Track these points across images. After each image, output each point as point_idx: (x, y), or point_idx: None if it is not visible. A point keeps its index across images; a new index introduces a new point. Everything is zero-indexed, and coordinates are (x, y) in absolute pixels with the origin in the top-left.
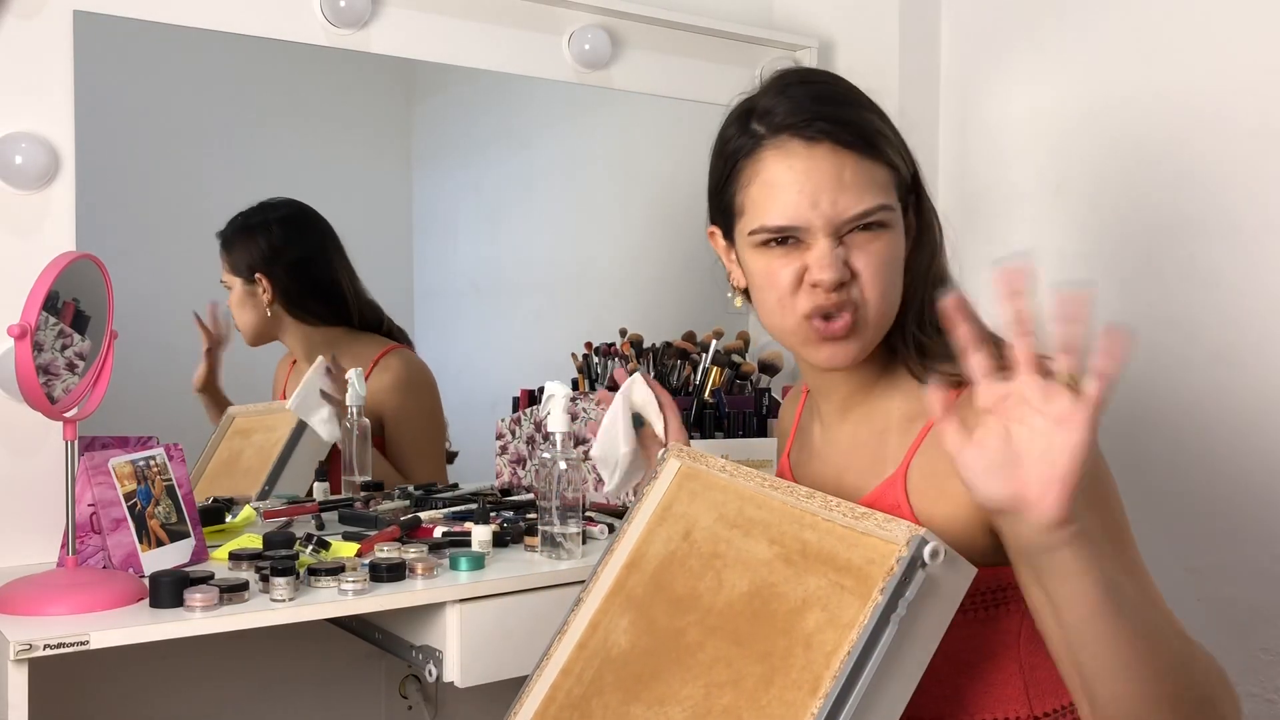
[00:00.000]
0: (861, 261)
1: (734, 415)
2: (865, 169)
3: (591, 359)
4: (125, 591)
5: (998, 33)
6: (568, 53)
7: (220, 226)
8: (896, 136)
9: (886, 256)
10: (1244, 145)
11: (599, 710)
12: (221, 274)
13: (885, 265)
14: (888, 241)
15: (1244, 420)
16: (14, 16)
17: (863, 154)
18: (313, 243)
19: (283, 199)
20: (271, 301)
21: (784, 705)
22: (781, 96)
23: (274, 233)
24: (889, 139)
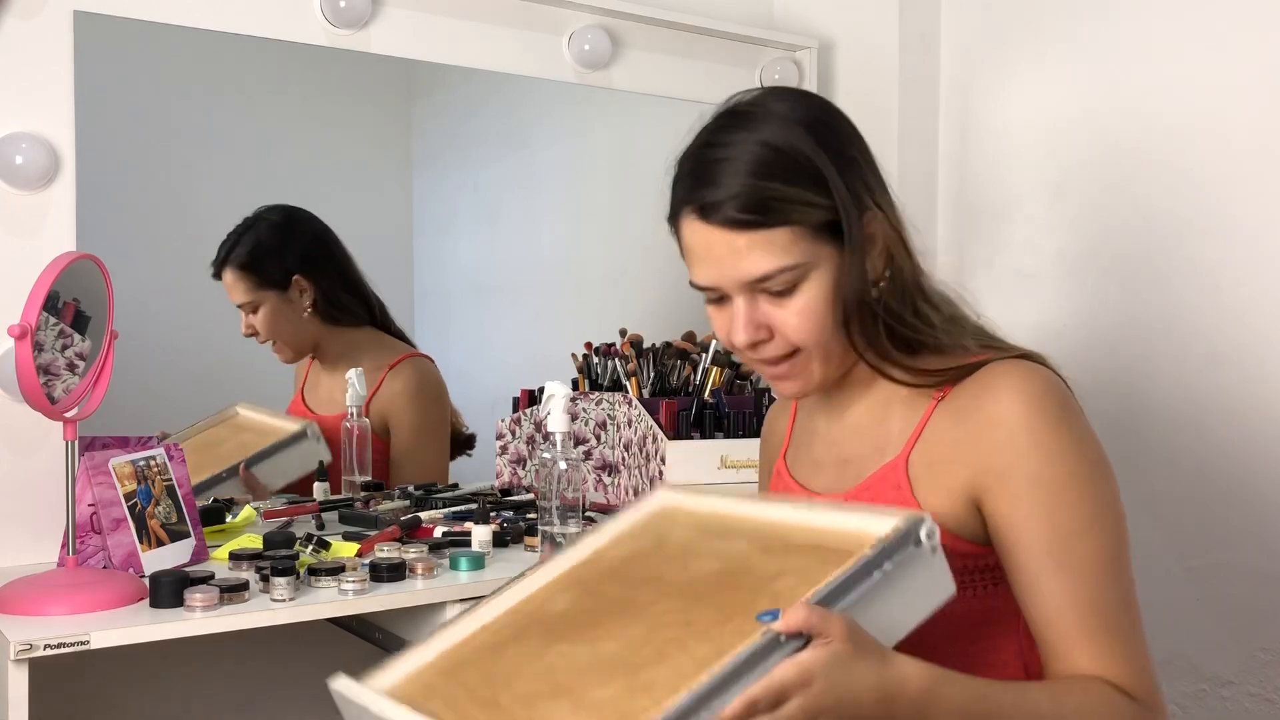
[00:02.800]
0: (777, 319)
1: (734, 415)
2: (760, 237)
3: (591, 359)
4: (125, 591)
5: (998, 34)
6: (568, 53)
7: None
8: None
9: (802, 307)
10: (1243, 147)
11: (514, 653)
12: (243, 296)
13: (803, 315)
14: (804, 293)
15: (1243, 420)
16: (14, 16)
17: (753, 227)
18: (329, 240)
19: (272, 204)
20: (312, 305)
21: (738, 635)
22: (687, 160)
23: (297, 234)
24: (785, 197)
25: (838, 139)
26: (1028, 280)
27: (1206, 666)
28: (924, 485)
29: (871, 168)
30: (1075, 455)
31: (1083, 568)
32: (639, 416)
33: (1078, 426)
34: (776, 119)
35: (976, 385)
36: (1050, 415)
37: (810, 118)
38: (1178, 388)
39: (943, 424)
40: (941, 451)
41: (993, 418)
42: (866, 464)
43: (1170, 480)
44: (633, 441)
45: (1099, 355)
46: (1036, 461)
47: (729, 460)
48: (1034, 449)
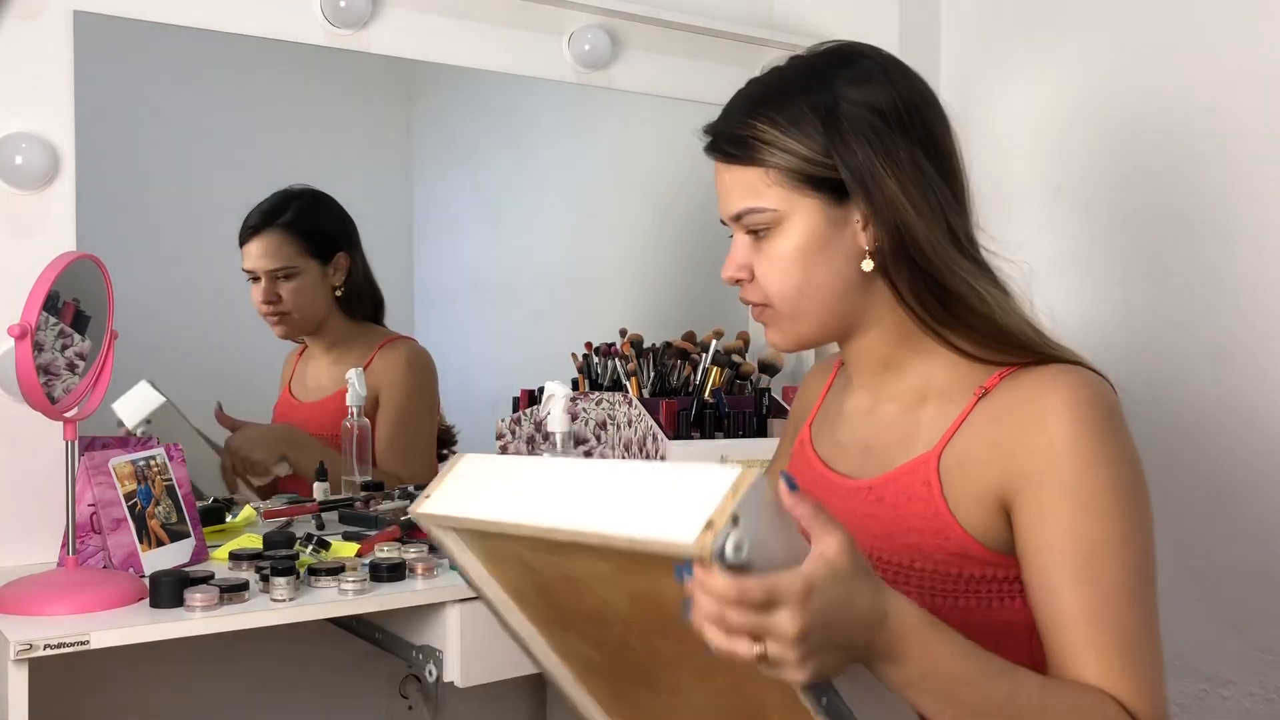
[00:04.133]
0: (754, 259)
1: (734, 415)
2: (736, 175)
3: (591, 359)
4: (125, 591)
5: (998, 33)
6: (568, 53)
7: (220, 226)
8: (802, 124)
9: (773, 253)
10: (1243, 145)
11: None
12: (280, 261)
13: (771, 262)
14: (775, 240)
15: (1244, 420)
16: (14, 16)
17: (732, 161)
18: (355, 225)
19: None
20: (342, 285)
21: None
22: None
23: (340, 212)
24: (768, 139)
25: (874, 103)
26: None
27: (1206, 666)
28: (954, 484)
29: (922, 147)
30: (1113, 471)
31: (1104, 585)
32: (639, 416)
33: (1121, 443)
34: (816, 65)
35: (1024, 386)
36: (1095, 426)
37: (852, 74)
38: (1178, 387)
39: (981, 422)
40: (976, 451)
41: (1036, 421)
42: (893, 455)
43: (1170, 480)
44: (633, 441)
45: (1099, 355)
46: (1073, 470)
47: (729, 460)
48: (1072, 457)
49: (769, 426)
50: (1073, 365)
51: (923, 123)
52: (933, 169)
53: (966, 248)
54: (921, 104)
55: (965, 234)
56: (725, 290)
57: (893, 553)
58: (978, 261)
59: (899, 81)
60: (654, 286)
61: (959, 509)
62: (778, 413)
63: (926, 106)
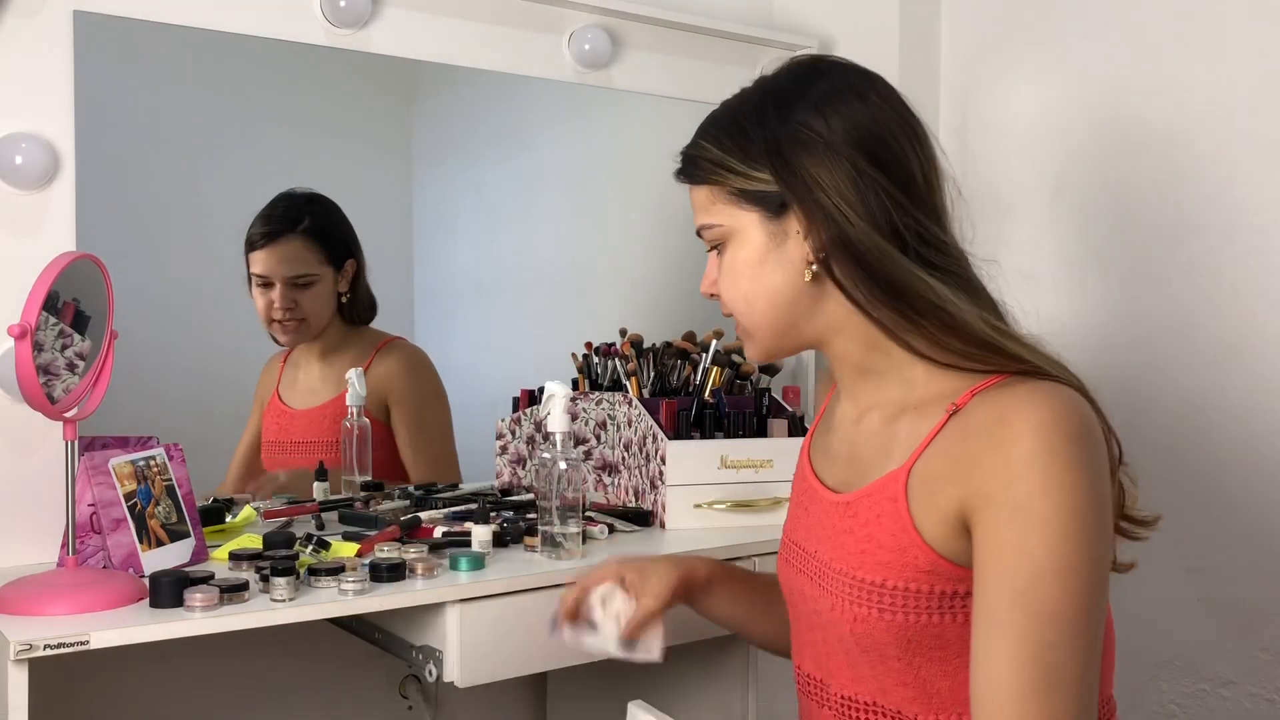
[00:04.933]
0: (714, 276)
1: (734, 415)
2: (694, 194)
3: (591, 359)
4: (125, 591)
5: (998, 32)
6: (568, 53)
7: (220, 226)
8: (740, 143)
9: (727, 266)
10: (1243, 145)
11: None
12: (302, 268)
13: (725, 274)
14: (729, 252)
15: (1244, 420)
16: (14, 16)
17: (685, 180)
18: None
19: (303, 188)
20: (348, 290)
21: None
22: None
23: (345, 215)
24: (711, 159)
25: (813, 113)
26: (1028, 280)
27: (1206, 666)
28: (920, 501)
29: (866, 153)
30: (1068, 496)
31: (1040, 614)
32: (639, 416)
33: (1082, 468)
34: (761, 83)
35: (992, 404)
36: (1054, 448)
37: (788, 89)
38: (1177, 387)
39: (949, 440)
40: (942, 468)
41: (997, 440)
42: (871, 468)
43: (1171, 480)
44: (633, 441)
45: (1099, 354)
46: (1026, 491)
47: (729, 460)
48: (1027, 479)
49: (769, 426)
50: (1046, 382)
51: (869, 128)
52: (878, 173)
53: (919, 250)
54: (873, 109)
55: (918, 235)
56: None
57: (865, 570)
58: (931, 264)
59: (846, 90)
60: (654, 286)
61: (925, 527)
62: (778, 413)
63: (879, 110)
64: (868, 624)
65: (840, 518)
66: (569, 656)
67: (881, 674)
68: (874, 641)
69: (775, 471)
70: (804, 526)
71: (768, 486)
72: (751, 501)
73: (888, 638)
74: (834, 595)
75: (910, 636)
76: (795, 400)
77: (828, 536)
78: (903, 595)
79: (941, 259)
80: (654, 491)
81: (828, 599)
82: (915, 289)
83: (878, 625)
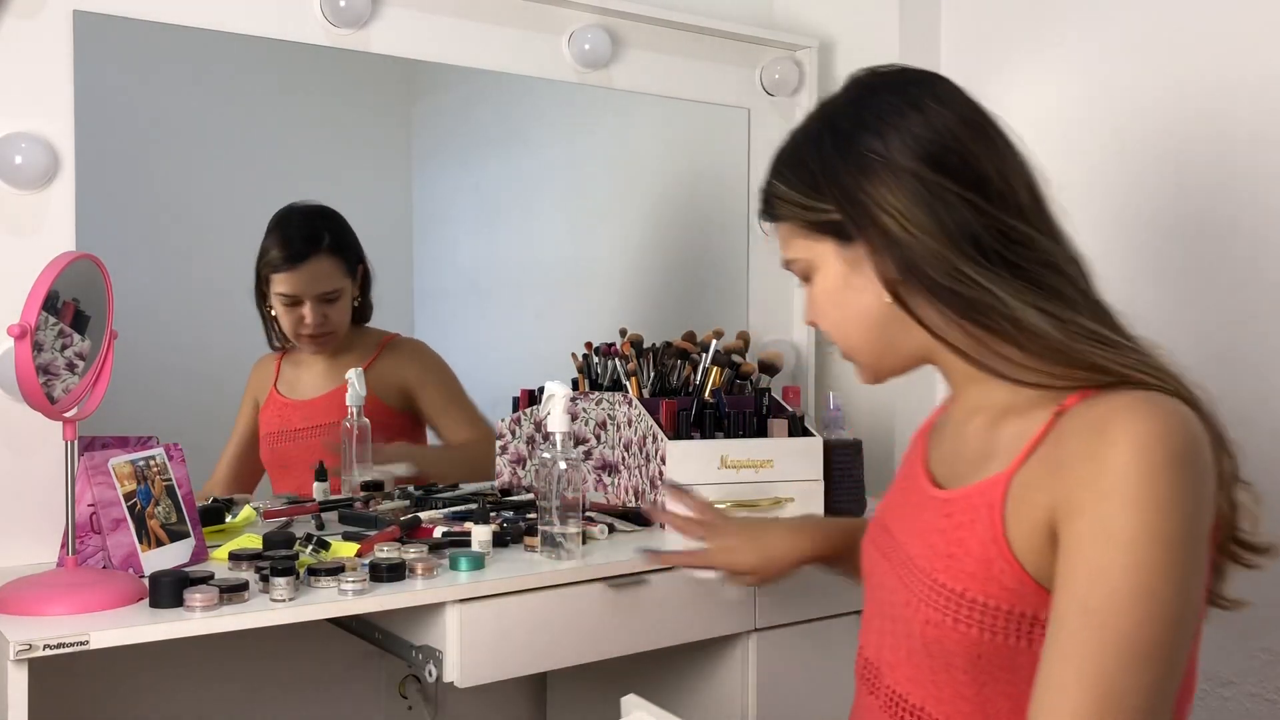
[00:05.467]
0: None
1: (734, 415)
2: (778, 231)
3: (591, 359)
4: (125, 591)
5: (998, 33)
6: (568, 53)
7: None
8: (806, 177)
9: (813, 297)
10: (1244, 145)
11: None
12: (331, 283)
13: (812, 305)
14: (814, 283)
15: (1243, 420)
16: (14, 16)
17: (765, 219)
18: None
19: (295, 202)
20: (359, 295)
21: None
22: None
23: (349, 225)
24: (782, 195)
25: (869, 133)
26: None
27: (1206, 666)
28: (1015, 510)
29: (930, 161)
30: (1161, 517)
31: (1111, 638)
32: (639, 416)
33: (1180, 489)
34: (821, 109)
35: (1094, 410)
36: (1152, 465)
37: (843, 113)
38: None
39: (1051, 445)
40: (1039, 475)
41: (1092, 449)
42: (974, 470)
43: None
44: (633, 441)
45: None
46: (1115, 506)
47: (729, 460)
48: (1118, 493)
49: (769, 426)
50: (1153, 392)
51: (929, 137)
52: (945, 180)
53: (1003, 251)
54: (930, 116)
55: (1000, 235)
56: (725, 290)
57: (949, 576)
58: (1018, 264)
59: (900, 103)
60: (654, 286)
61: (1016, 539)
62: (778, 413)
63: (937, 116)
64: (940, 630)
65: (935, 514)
66: (569, 656)
67: (942, 682)
68: (942, 649)
69: (775, 471)
70: (899, 514)
71: (768, 486)
72: (751, 501)
73: (958, 648)
74: (911, 592)
75: (981, 653)
76: (795, 400)
77: (919, 531)
78: (981, 610)
79: (1029, 254)
80: (654, 491)
81: (904, 593)
82: (989, 307)
83: (950, 634)
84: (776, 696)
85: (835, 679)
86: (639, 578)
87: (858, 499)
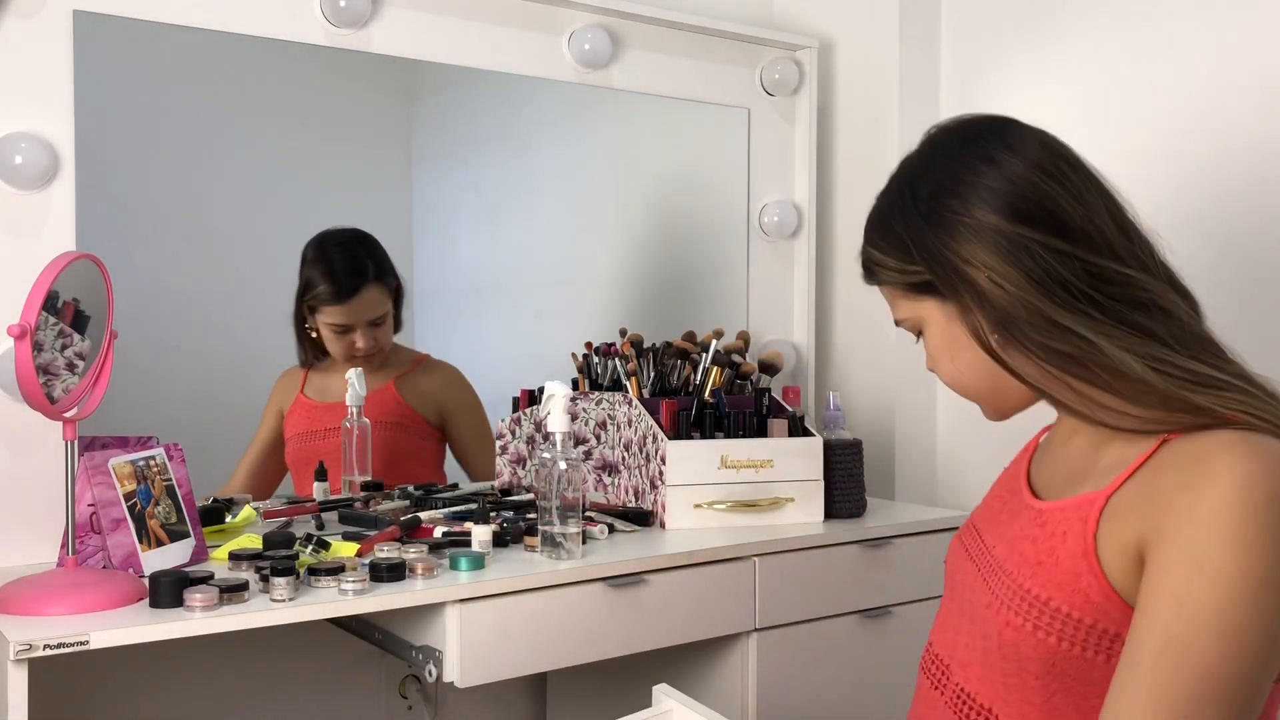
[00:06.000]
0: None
1: (734, 415)
2: (883, 292)
3: (591, 359)
4: (125, 591)
5: (998, 33)
6: (568, 53)
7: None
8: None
9: (929, 351)
10: (1243, 145)
11: None
12: (380, 309)
13: (931, 358)
14: (927, 338)
15: None
16: (14, 16)
17: (871, 283)
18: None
19: (336, 228)
20: (396, 313)
21: None
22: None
23: (382, 246)
24: (879, 262)
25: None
26: None
27: None
28: (1108, 528)
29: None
30: (1255, 556)
31: (1189, 670)
32: (639, 416)
33: (1278, 529)
34: (901, 171)
35: (1198, 443)
36: (1250, 503)
37: (920, 174)
38: None
39: (1151, 471)
40: (1135, 499)
41: (1190, 480)
42: (1072, 485)
43: None
44: (633, 441)
45: None
46: (1207, 540)
47: (729, 460)
48: (1212, 527)
49: (769, 426)
50: (1255, 433)
51: (1004, 189)
52: (1026, 229)
53: (1095, 294)
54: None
55: (1091, 276)
56: (725, 290)
57: (1035, 583)
58: (1115, 306)
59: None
60: (654, 286)
61: (1105, 555)
62: (778, 412)
63: (1009, 165)
64: (1019, 635)
65: (1029, 524)
66: (569, 656)
67: (1013, 686)
68: (1018, 653)
69: (775, 471)
70: (994, 519)
71: (768, 486)
72: (752, 501)
73: (1034, 654)
74: (994, 594)
75: (1056, 662)
76: (795, 400)
77: (1010, 538)
78: (1063, 620)
79: (1122, 292)
80: (654, 491)
81: (987, 595)
82: (1086, 357)
83: (1029, 640)
84: (776, 696)
85: (835, 679)
86: (639, 578)
87: (858, 499)
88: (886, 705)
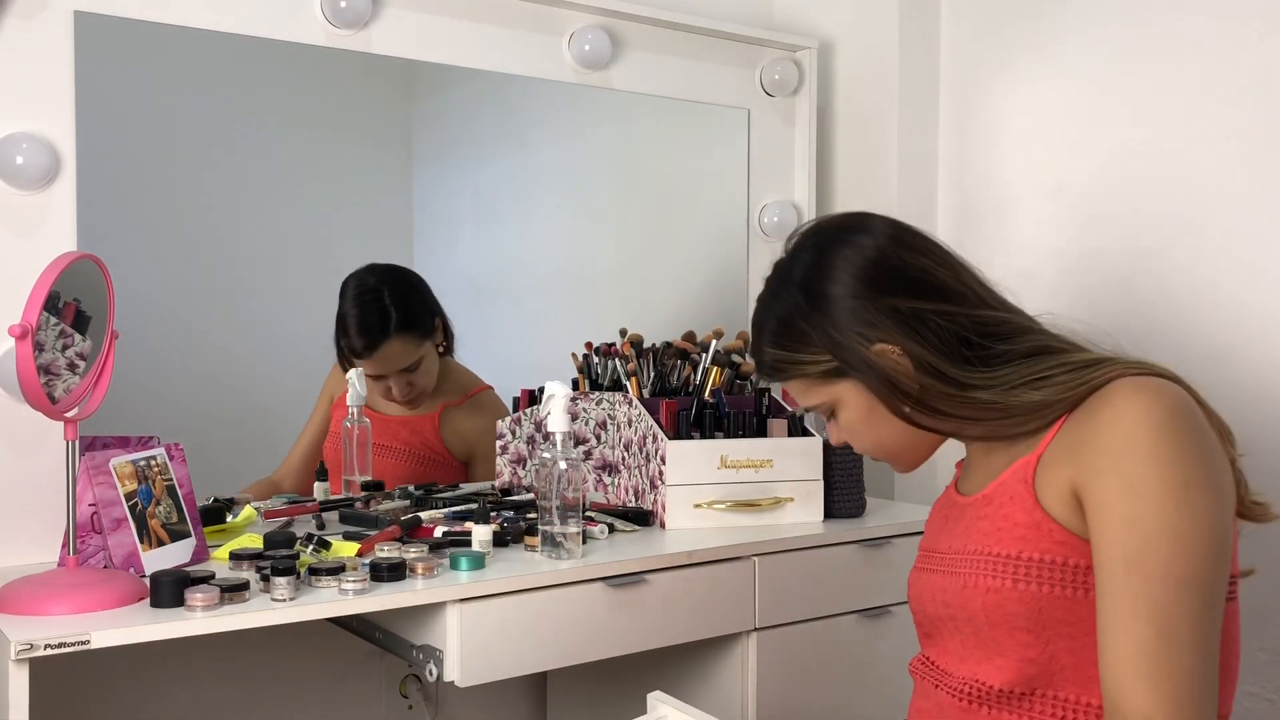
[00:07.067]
0: (841, 433)
1: (734, 415)
2: (790, 385)
3: (591, 359)
4: (126, 591)
5: (998, 33)
6: (568, 53)
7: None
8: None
9: (845, 427)
10: (1242, 145)
11: None
12: (410, 357)
13: (848, 434)
14: (842, 418)
15: (1242, 420)
16: (14, 16)
17: (777, 381)
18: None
19: (362, 269)
20: (443, 339)
21: None
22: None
23: (414, 279)
24: (789, 360)
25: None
26: (1027, 279)
27: None
28: (1045, 484)
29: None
30: (1174, 465)
31: (1154, 576)
32: (639, 416)
33: (1188, 436)
34: (777, 273)
35: (1099, 398)
36: (1157, 423)
37: (797, 272)
38: None
39: (1067, 431)
40: (1059, 454)
41: (1102, 423)
42: (1001, 469)
43: None
44: (633, 441)
45: None
46: (1130, 463)
47: (729, 460)
48: (1131, 451)
49: (769, 426)
50: (1147, 376)
51: (873, 265)
52: (909, 299)
53: (983, 341)
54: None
55: (976, 327)
56: (725, 290)
57: (1001, 545)
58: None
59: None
60: (654, 286)
61: (1048, 503)
62: (778, 412)
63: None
64: (1000, 596)
65: (976, 513)
66: (569, 656)
67: (1007, 650)
68: (1005, 614)
69: (775, 471)
70: (943, 533)
71: (767, 486)
72: (751, 501)
73: (1020, 608)
74: (965, 576)
75: (1042, 607)
76: (794, 400)
77: (963, 530)
78: (1038, 566)
79: (1004, 331)
80: (654, 491)
81: (958, 581)
82: (991, 404)
83: (1010, 596)
84: (776, 696)
85: (835, 679)
86: (639, 578)
87: (857, 499)
88: (886, 705)
